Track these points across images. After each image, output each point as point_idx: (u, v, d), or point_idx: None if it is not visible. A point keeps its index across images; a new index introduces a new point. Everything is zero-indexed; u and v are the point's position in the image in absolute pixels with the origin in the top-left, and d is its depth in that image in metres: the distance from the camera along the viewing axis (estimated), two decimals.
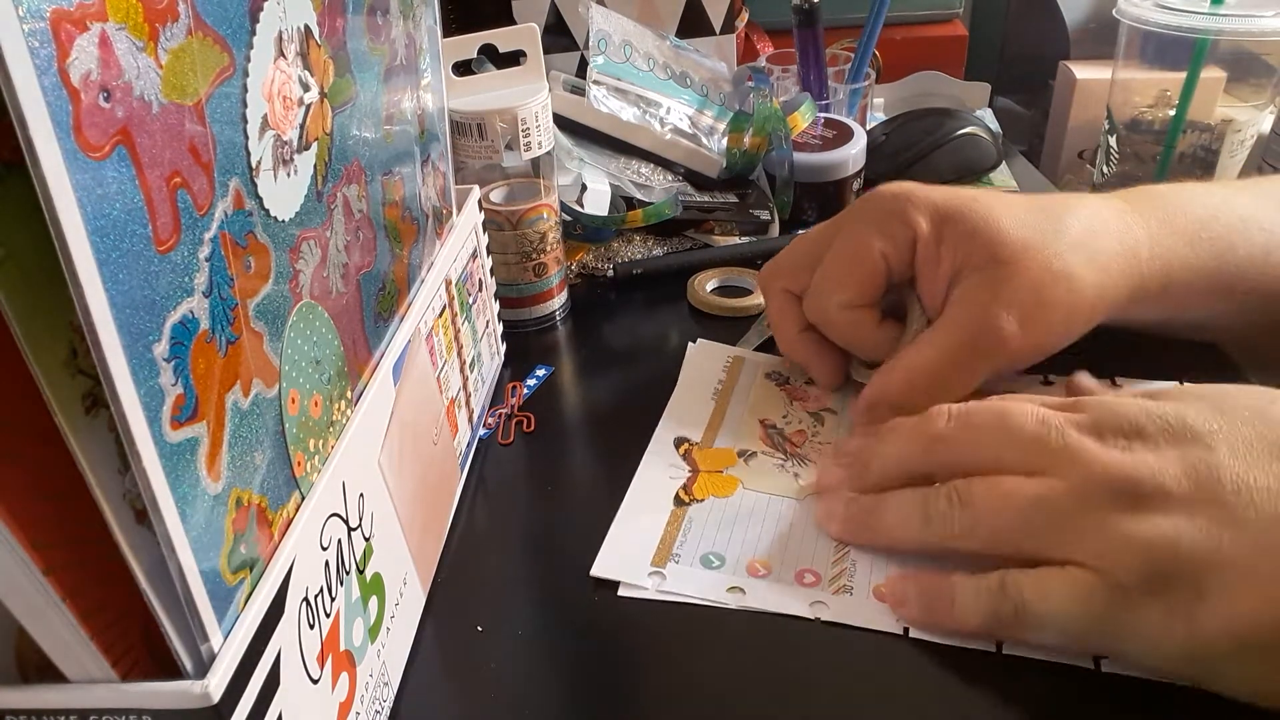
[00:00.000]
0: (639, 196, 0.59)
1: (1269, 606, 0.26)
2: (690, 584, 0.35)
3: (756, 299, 0.54)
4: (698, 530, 0.37)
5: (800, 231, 0.48)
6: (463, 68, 0.51)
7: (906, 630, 0.32)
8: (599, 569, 0.36)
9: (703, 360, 0.48)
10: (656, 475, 0.40)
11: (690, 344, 0.49)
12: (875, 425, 0.39)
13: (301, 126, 0.26)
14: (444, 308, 0.40)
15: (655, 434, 0.43)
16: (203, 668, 0.21)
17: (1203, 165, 0.62)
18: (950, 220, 0.39)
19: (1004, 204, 0.39)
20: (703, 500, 0.39)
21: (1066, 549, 0.30)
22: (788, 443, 0.42)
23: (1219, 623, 0.27)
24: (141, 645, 0.22)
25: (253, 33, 0.23)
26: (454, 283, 0.42)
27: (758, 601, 0.34)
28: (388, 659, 0.31)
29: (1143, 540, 0.28)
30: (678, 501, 0.39)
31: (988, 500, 0.31)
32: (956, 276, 0.39)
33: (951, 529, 0.32)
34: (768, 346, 0.50)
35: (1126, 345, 0.43)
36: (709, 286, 0.56)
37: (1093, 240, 0.39)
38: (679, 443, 0.42)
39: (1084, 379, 0.41)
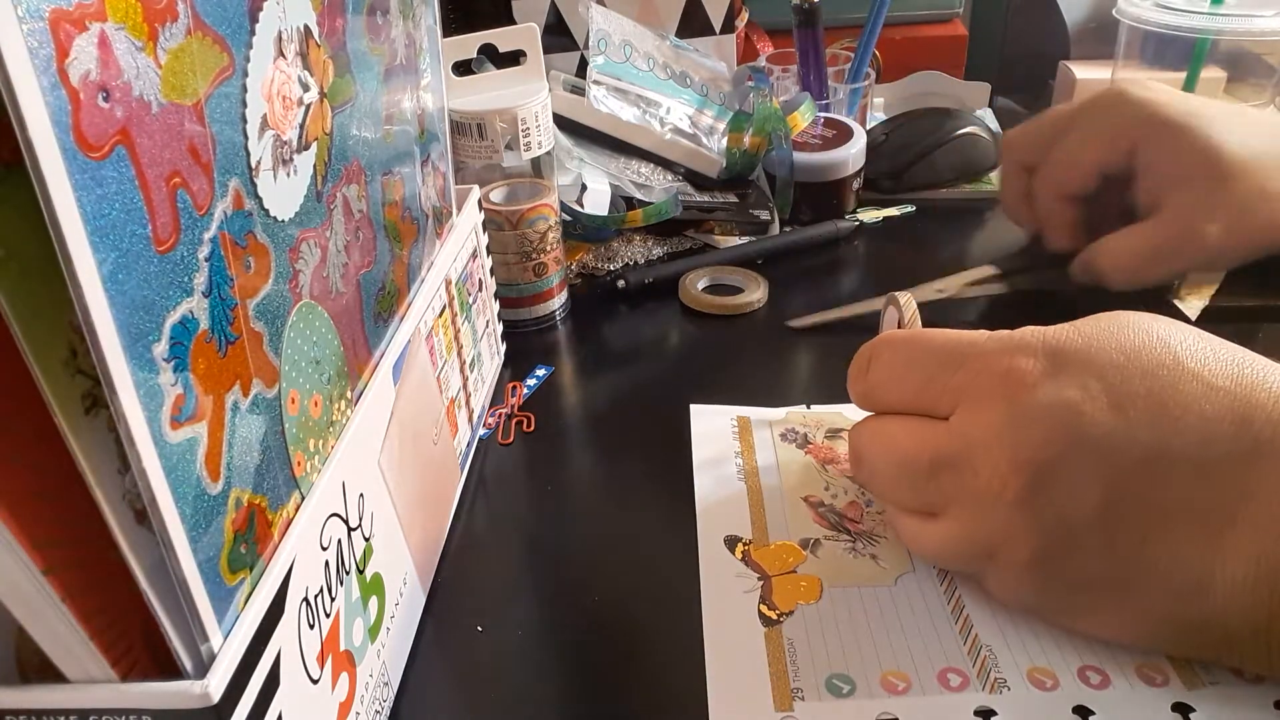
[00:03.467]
0: (639, 196, 0.59)
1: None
2: None
3: (748, 297, 0.54)
4: (805, 652, 0.33)
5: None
6: (463, 68, 0.51)
7: (1086, 717, 0.30)
8: None
9: (709, 428, 0.44)
10: (726, 589, 0.36)
11: (691, 408, 0.46)
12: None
13: (301, 126, 0.26)
14: (444, 308, 0.40)
15: (700, 534, 0.38)
16: (203, 668, 0.21)
17: None
18: (1176, 134, 0.44)
19: (1225, 121, 0.44)
20: (791, 612, 0.34)
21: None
22: (846, 520, 0.39)
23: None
24: (141, 645, 0.22)
25: (252, 33, 0.23)
26: (454, 283, 0.42)
27: None
28: (388, 659, 0.31)
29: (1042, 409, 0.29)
30: (765, 621, 0.34)
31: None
32: (1173, 184, 0.44)
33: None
34: (757, 335, 0.50)
35: None
36: (700, 285, 0.56)
37: None
38: (731, 543, 0.38)
39: None
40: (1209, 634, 0.28)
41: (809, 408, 0.45)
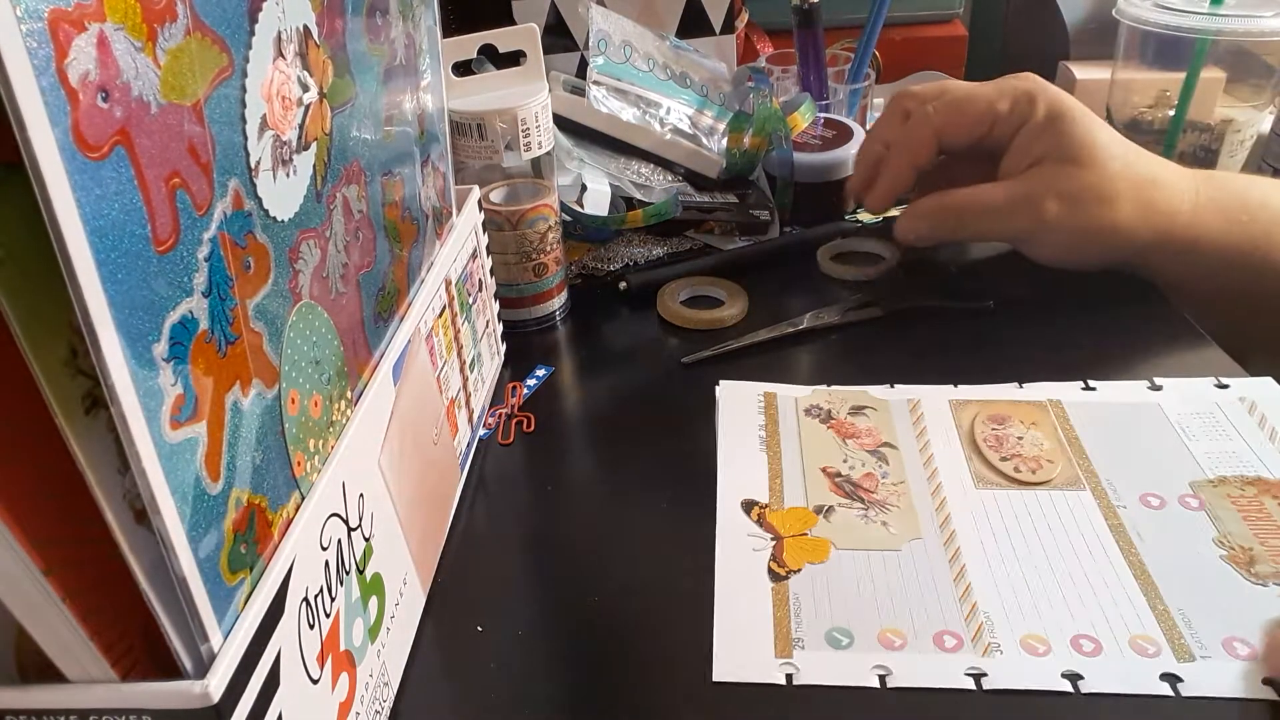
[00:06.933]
0: (639, 196, 0.59)
1: None
2: (828, 671, 0.32)
3: (729, 310, 0.53)
4: (809, 606, 0.34)
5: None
6: (463, 68, 0.51)
7: (1077, 684, 0.30)
8: (721, 673, 0.32)
9: (736, 403, 0.46)
10: (739, 548, 0.37)
11: (718, 386, 0.47)
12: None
13: (300, 127, 0.26)
14: (444, 308, 0.40)
15: (719, 497, 0.40)
16: (203, 668, 0.21)
17: (1202, 166, 0.62)
18: (1060, 119, 0.48)
19: (1108, 130, 0.49)
20: (799, 570, 0.36)
21: None
22: (860, 490, 0.40)
23: None
24: (141, 645, 0.22)
25: (251, 33, 0.23)
26: (454, 283, 0.42)
27: (908, 679, 0.31)
28: (388, 659, 0.31)
29: None
30: (773, 576, 0.35)
31: None
32: (1039, 160, 0.49)
33: None
34: (753, 354, 0.50)
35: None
36: (680, 297, 0.54)
37: (1150, 190, 0.48)
38: (748, 506, 0.39)
39: None
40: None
41: (830, 387, 0.46)
